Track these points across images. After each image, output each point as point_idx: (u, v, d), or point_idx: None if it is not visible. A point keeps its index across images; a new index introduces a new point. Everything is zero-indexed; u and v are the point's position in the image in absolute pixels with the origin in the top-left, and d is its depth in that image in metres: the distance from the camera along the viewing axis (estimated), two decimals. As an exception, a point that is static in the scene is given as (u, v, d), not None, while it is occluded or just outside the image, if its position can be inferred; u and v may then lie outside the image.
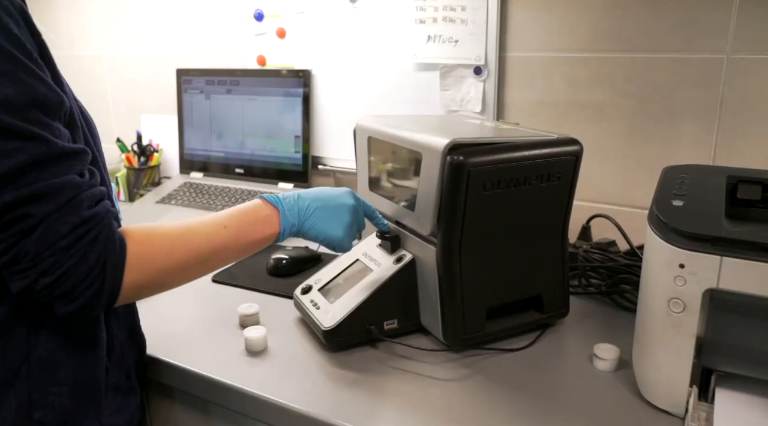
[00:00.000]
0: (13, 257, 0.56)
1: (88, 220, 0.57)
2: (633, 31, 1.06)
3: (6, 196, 0.54)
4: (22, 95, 0.54)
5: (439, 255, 0.80)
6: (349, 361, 0.81)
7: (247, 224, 0.72)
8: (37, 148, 0.55)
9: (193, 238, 0.67)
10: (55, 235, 0.55)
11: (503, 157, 0.77)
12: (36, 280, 0.56)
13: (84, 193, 0.58)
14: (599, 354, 0.79)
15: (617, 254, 1.05)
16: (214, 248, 0.68)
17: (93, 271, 0.57)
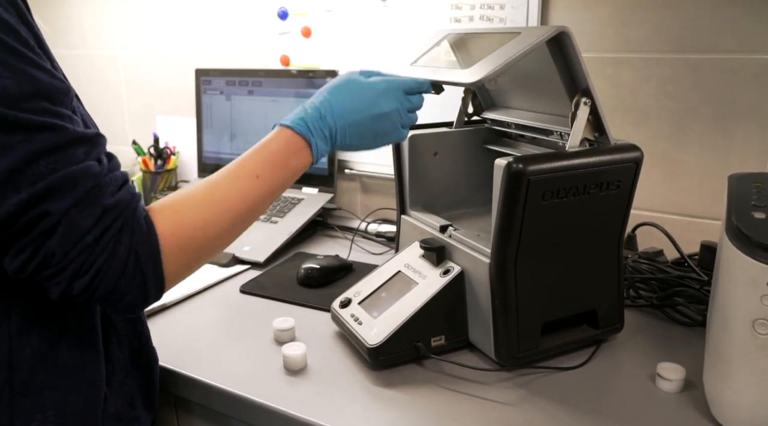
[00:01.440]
0: (42, 261, 0.51)
1: (112, 209, 0.53)
2: (683, 31, 1.01)
3: (22, 193, 0.49)
4: (23, 85, 0.49)
5: (492, 268, 0.75)
6: (396, 381, 0.77)
7: (280, 167, 0.67)
8: (47, 137, 0.50)
9: (226, 201, 0.62)
10: (79, 231, 0.51)
11: (564, 165, 0.72)
12: (70, 284, 0.52)
13: (104, 179, 0.53)
14: (663, 374, 0.74)
15: (666, 264, 1.00)
16: (251, 205, 0.64)
17: (128, 264, 0.53)
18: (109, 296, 0.53)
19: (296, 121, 0.69)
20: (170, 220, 0.57)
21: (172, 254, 0.56)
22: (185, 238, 0.58)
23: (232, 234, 0.63)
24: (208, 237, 0.60)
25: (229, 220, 0.62)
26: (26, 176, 0.49)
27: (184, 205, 0.59)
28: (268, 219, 1.27)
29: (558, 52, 0.75)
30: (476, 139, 0.98)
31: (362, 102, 0.73)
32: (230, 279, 1.09)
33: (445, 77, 0.76)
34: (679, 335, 0.87)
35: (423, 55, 0.88)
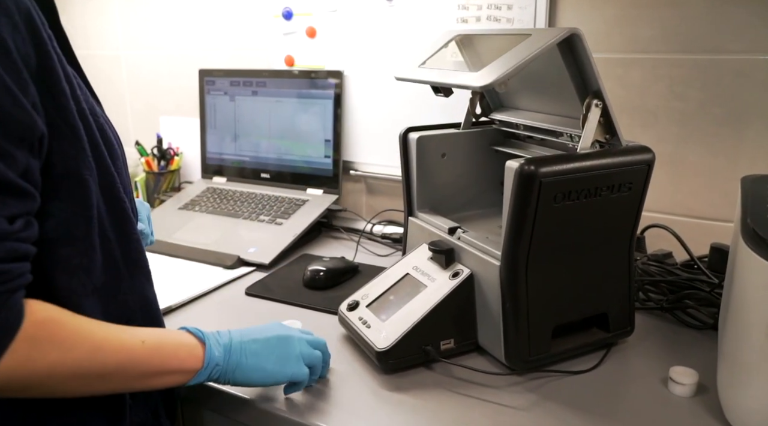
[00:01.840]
0: None
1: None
2: (693, 31, 1.00)
3: None
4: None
5: (503, 271, 0.74)
6: (405, 385, 0.76)
7: (169, 346, 0.60)
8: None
9: (104, 341, 0.55)
10: None
11: (575, 167, 0.71)
12: None
13: (6, 243, 0.48)
14: (676, 378, 0.73)
15: (675, 267, 0.99)
16: (123, 361, 0.56)
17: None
18: None
19: (196, 329, 0.65)
20: (43, 321, 0.51)
21: (17, 353, 0.48)
22: (42, 347, 0.50)
23: (89, 379, 0.54)
24: (65, 361, 0.52)
25: (96, 360, 0.54)
26: None
27: (64, 319, 0.53)
28: (273, 220, 1.27)
29: (569, 53, 0.75)
30: (484, 141, 0.97)
31: (265, 326, 0.71)
32: (235, 281, 1.08)
33: (455, 80, 0.75)
34: (689, 338, 0.86)
35: (431, 56, 0.87)
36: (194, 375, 0.62)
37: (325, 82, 1.33)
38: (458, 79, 0.75)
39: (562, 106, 0.83)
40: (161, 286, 0.92)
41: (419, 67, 0.85)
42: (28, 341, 0.49)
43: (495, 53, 0.74)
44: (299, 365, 0.69)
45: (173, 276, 1.08)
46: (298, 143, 1.38)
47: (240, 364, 0.64)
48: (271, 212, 1.30)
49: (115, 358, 0.55)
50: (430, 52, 0.88)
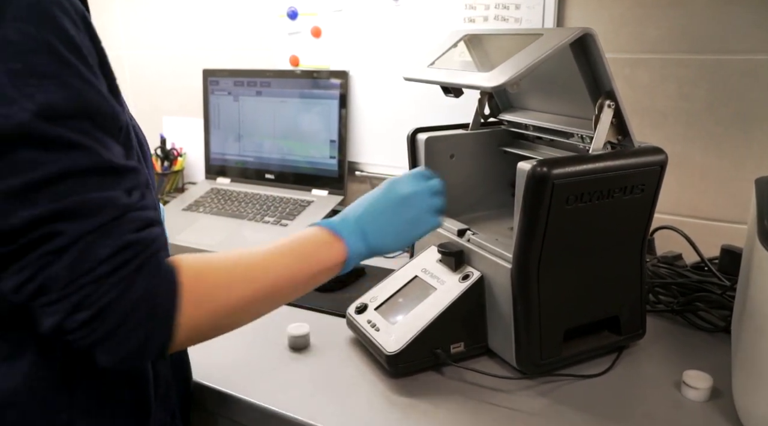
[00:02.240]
0: (41, 285, 0.46)
1: (132, 245, 0.48)
2: (701, 31, 0.99)
3: (37, 208, 0.45)
4: (70, 101, 0.47)
5: (514, 273, 0.73)
6: (415, 389, 0.75)
7: (310, 252, 0.63)
8: (81, 158, 0.47)
9: (253, 268, 0.57)
10: (92, 260, 0.46)
11: (588, 168, 0.71)
12: (68, 316, 0.46)
13: (130, 214, 0.49)
14: (690, 382, 0.72)
15: (685, 269, 0.98)
16: (276, 280, 0.59)
17: (139, 309, 0.47)
18: (107, 339, 0.47)
19: (327, 222, 0.68)
20: (195, 273, 0.52)
21: (189, 309, 0.50)
22: (207, 296, 0.52)
23: (255, 305, 0.58)
24: (230, 299, 0.54)
25: (255, 288, 0.57)
26: (47, 193, 0.45)
27: (210, 263, 0.55)
28: (278, 222, 1.26)
29: (581, 54, 0.74)
30: (492, 141, 0.97)
31: (382, 195, 0.72)
32: (241, 283, 1.07)
33: (466, 81, 0.74)
34: (701, 341, 0.86)
35: (440, 56, 0.86)
36: (342, 266, 0.66)
37: (330, 83, 1.32)
38: (469, 79, 0.74)
39: (573, 106, 0.82)
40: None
41: (428, 67, 0.84)
42: (192, 293, 0.51)
43: (505, 53, 0.73)
44: (431, 219, 0.72)
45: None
46: (303, 144, 1.37)
47: (377, 243, 0.68)
48: (276, 213, 1.29)
49: (270, 280, 0.58)
50: (438, 52, 0.88)
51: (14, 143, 0.45)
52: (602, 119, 0.75)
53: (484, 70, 0.72)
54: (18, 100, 0.44)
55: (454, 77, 0.77)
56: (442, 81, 0.79)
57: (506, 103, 0.96)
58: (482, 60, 0.90)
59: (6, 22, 0.45)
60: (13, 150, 0.45)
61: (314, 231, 0.65)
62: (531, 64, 0.68)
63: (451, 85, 0.80)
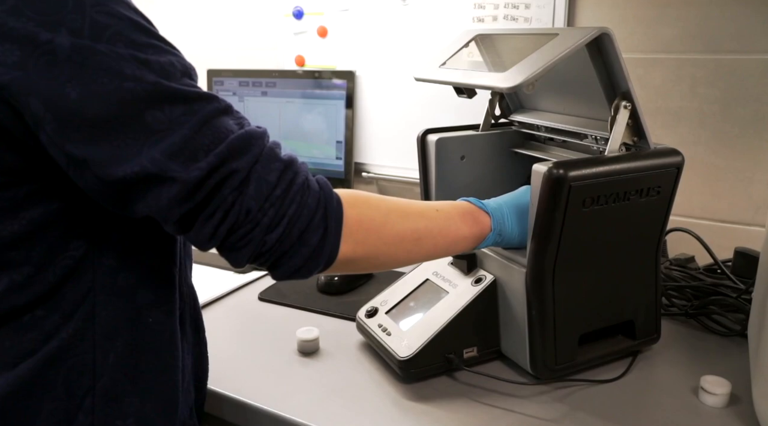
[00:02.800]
0: (234, 222, 0.51)
1: (291, 164, 0.54)
2: (716, 30, 0.98)
3: (208, 157, 0.50)
4: (174, 63, 0.51)
5: (529, 277, 0.72)
6: (428, 394, 0.74)
7: (458, 215, 0.68)
8: (205, 106, 0.51)
9: (407, 210, 0.63)
10: (268, 185, 0.52)
11: (605, 170, 0.69)
12: (262, 240, 0.52)
13: (267, 138, 0.55)
14: (708, 388, 0.71)
15: (698, 271, 0.97)
16: (427, 228, 0.63)
17: (316, 216, 0.54)
18: (291, 249, 0.53)
19: (473, 199, 0.72)
20: (354, 200, 0.58)
21: (352, 230, 0.57)
22: (367, 221, 0.58)
23: (406, 245, 0.62)
24: (385, 231, 0.60)
25: (407, 228, 0.62)
26: (203, 143, 0.50)
27: (369, 196, 0.61)
28: (283, 223, 1.24)
29: (597, 54, 0.72)
30: (503, 143, 0.95)
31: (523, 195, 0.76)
32: (247, 286, 1.06)
33: (481, 81, 0.73)
34: (716, 346, 0.84)
35: (451, 56, 0.85)
36: (483, 240, 0.69)
37: (336, 83, 1.31)
38: (484, 79, 0.73)
39: (587, 107, 0.81)
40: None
41: (440, 68, 0.83)
42: (355, 217, 0.57)
43: (519, 53, 0.72)
44: None
45: (184, 280, 1.06)
46: (309, 144, 1.36)
47: (512, 232, 0.72)
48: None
49: (422, 222, 0.63)
50: (449, 52, 0.86)
51: (152, 104, 0.49)
52: (618, 120, 0.73)
53: (497, 71, 0.71)
54: (139, 67, 0.48)
55: (468, 78, 0.76)
56: (455, 81, 0.78)
57: (517, 103, 0.95)
58: (494, 60, 0.89)
59: (88, 8, 0.48)
60: (151, 110, 0.49)
61: (470, 207, 0.70)
62: (547, 64, 0.67)
63: (465, 85, 0.78)
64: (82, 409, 0.55)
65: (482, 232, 0.69)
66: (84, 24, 0.47)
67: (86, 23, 0.47)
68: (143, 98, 0.48)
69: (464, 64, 0.90)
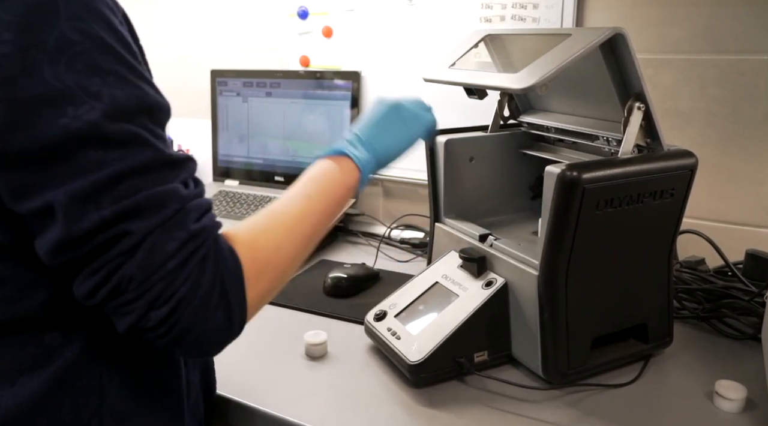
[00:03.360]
0: (116, 286, 0.46)
1: (197, 235, 0.49)
2: (728, 31, 0.97)
3: (104, 210, 0.45)
4: (132, 98, 0.47)
5: (541, 281, 0.71)
6: (439, 400, 0.73)
7: (327, 183, 0.67)
8: (142, 154, 0.47)
9: (287, 223, 0.60)
10: (162, 255, 0.47)
11: (619, 172, 0.69)
12: (145, 315, 0.47)
13: (190, 203, 0.49)
14: (723, 392, 0.70)
15: (708, 274, 0.96)
16: (312, 224, 0.62)
17: (212, 296, 0.48)
18: (187, 332, 0.48)
19: (330, 149, 0.71)
20: (247, 247, 0.53)
21: (252, 281, 0.52)
22: (263, 263, 0.54)
23: (300, 256, 0.61)
24: (281, 260, 0.57)
25: (295, 242, 0.59)
26: (111, 193, 0.46)
27: (256, 227, 0.57)
28: (288, 225, 1.23)
29: (611, 54, 0.72)
30: (512, 144, 0.94)
31: (374, 108, 0.77)
32: (253, 288, 1.05)
33: (493, 82, 0.72)
34: (728, 349, 0.83)
35: (461, 57, 0.84)
36: (358, 184, 0.70)
37: (341, 84, 1.30)
38: (496, 80, 0.72)
39: (598, 108, 0.80)
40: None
41: (450, 68, 0.82)
42: (253, 265, 0.53)
43: (530, 54, 0.71)
44: (426, 115, 0.79)
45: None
46: (313, 145, 1.35)
47: (381, 148, 0.73)
48: (287, 216, 1.27)
49: (307, 224, 0.61)
50: (459, 52, 0.85)
51: (82, 144, 0.45)
52: (631, 122, 0.72)
53: (509, 72, 0.70)
54: (86, 100, 0.45)
55: (480, 78, 0.75)
56: (467, 82, 0.77)
57: (527, 105, 0.94)
58: (505, 61, 0.88)
59: (62, 21, 0.45)
60: (80, 150, 0.45)
61: (326, 163, 0.69)
62: (561, 65, 0.66)
63: (476, 86, 0.78)
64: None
65: (354, 178, 0.69)
66: (51, 37, 0.44)
67: (53, 36, 0.44)
68: (76, 138, 0.45)
69: (474, 65, 0.89)
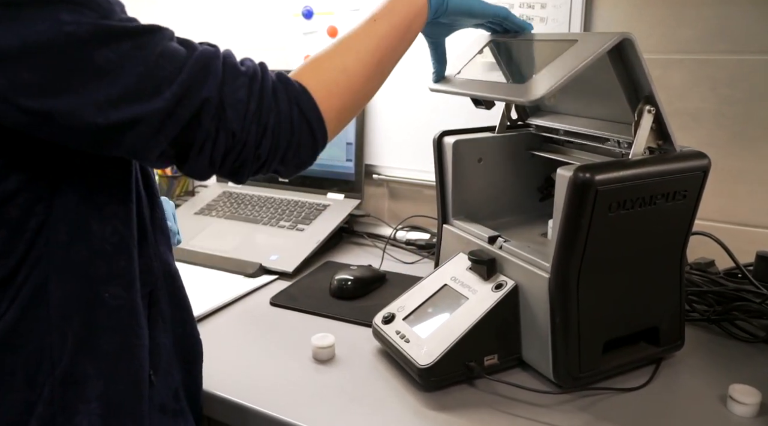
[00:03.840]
0: (225, 147, 0.53)
1: (254, 76, 0.55)
2: (740, 30, 0.96)
3: (173, 86, 0.50)
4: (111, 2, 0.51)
5: (553, 284, 0.70)
6: (449, 404, 0.72)
7: (393, 9, 0.67)
8: (155, 35, 0.51)
9: (354, 45, 0.64)
10: (242, 105, 0.53)
11: (631, 174, 0.68)
12: (256, 155, 0.55)
13: (223, 56, 0.55)
14: (737, 397, 0.69)
15: (718, 276, 0.95)
16: (379, 47, 0.64)
17: (293, 117, 0.56)
18: (287, 151, 0.57)
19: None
20: (310, 73, 0.60)
21: (324, 101, 0.59)
22: (330, 82, 0.60)
23: (371, 78, 0.64)
24: (350, 80, 0.62)
25: (364, 62, 0.63)
26: (160, 77, 0.50)
27: (317, 59, 0.62)
28: (294, 226, 1.23)
29: (619, 59, 0.71)
30: (520, 145, 0.93)
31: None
32: (258, 290, 1.04)
33: (500, 94, 0.71)
34: (740, 352, 0.83)
35: (466, 64, 0.83)
36: (428, 10, 0.70)
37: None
38: (504, 92, 0.71)
39: (608, 109, 0.79)
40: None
41: (456, 77, 0.81)
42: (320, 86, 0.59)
43: (538, 61, 0.70)
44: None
45: (194, 284, 1.04)
46: (318, 146, 1.34)
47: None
48: (292, 217, 1.26)
49: (373, 44, 0.64)
50: (463, 59, 0.84)
51: (95, 44, 0.47)
52: (642, 124, 0.71)
53: (516, 81, 0.69)
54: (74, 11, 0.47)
55: (488, 90, 0.74)
56: (474, 93, 0.76)
57: (534, 106, 0.93)
58: (512, 69, 0.87)
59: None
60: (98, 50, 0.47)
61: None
62: (569, 75, 0.65)
63: (484, 97, 0.76)
64: (42, 399, 0.53)
65: (422, 6, 0.69)
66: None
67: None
68: (87, 40, 0.47)
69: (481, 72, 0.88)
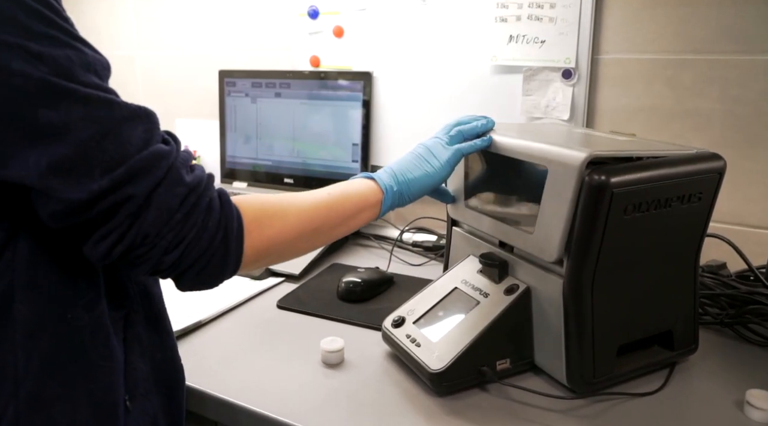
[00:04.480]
0: (131, 244, 0.51)
1: (195, 187, 0.54)
2: (750, 30, 0.95)
3: (102, 179, 0.48)
4: (74, 58, 0.48)
5: (566, 287, 0.69)
6: (461, 409, 0.71)
7: (351, 190, 0.71)
8: (105, 113, 0.49)
9: (302, 202, 0.65)
10: (169, 210, 0.51)
11: (647, 176, 0.67)
12: (160, 260, 0.53)
13: (176, 160, 0.53)
14: (754, 402, 0.68)
15: (731, 278, 0.94)
16: (324, 215, 0.66)
17: (215, 239, 0.55)
18: (190, 268, 0.55)
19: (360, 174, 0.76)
20: (252, 205, 0.60)
21: (254, 234, 0.58)
22: (265, 221, 0.60)
23: (303, 238, 0.64)
24: (284, 228, 0.62)
25: (302, 221, 0.63)
26: (97, 161, 0.48)
27: (265, 197, 0.63)
28: (299, 228, 1.21)
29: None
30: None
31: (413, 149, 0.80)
32: (265, 293, 1.03)
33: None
34: (753, 356, 0.82)
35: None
36: (381, 205, 0.72)
37: (352, 84, 1.28)
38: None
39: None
40: (189, 299, 0.87)
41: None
42: (255, 221, 0.59)
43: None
44: (450, 151, 0.78)
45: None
46: (324, 147, 1.33)
47: (403, 174, 0.75)
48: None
49: (318, 212, 0.65)
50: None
51: (42, 101, 0.46)
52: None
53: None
54: (27, 63, 0.45)
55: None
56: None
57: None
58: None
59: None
60: (43, 108, 0.46)
61: (353, 180, 0.74)
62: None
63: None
64: (6, 419, 0.52)
65: (371, 189, 0.72)
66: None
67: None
68: (34, 95, 0.45)
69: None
